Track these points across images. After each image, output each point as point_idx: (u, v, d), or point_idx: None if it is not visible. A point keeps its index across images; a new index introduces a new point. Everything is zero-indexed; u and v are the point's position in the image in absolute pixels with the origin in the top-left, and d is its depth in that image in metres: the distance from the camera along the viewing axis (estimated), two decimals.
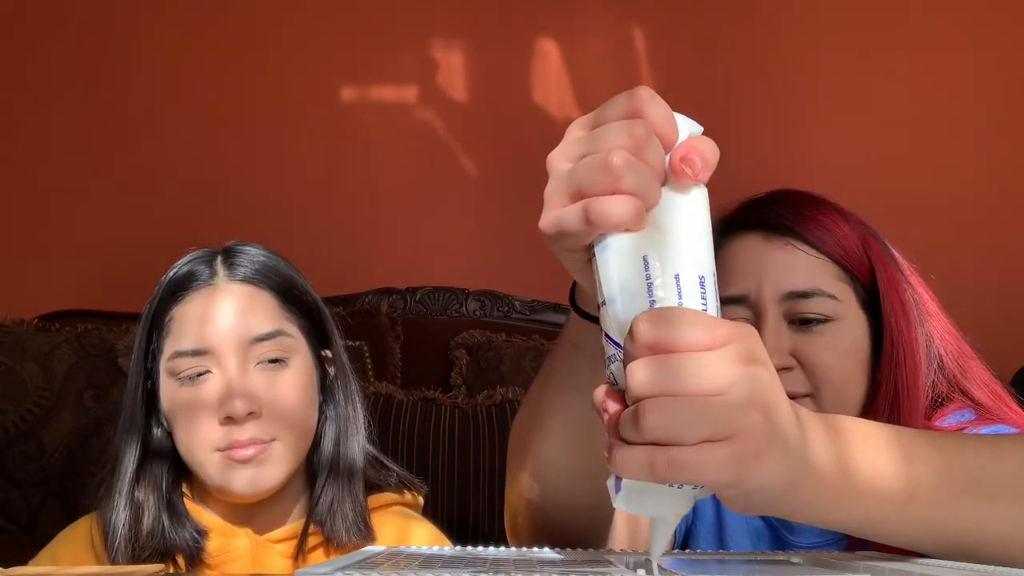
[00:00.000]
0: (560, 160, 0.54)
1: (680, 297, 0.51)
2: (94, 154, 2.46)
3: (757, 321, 0.95)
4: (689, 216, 0.52)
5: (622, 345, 0.52)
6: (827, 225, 0.97)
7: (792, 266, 0.96)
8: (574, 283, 0.66)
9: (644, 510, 0.53)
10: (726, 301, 0.96)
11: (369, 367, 2.13)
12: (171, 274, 1.05)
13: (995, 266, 2.34)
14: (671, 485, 0.51)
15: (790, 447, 0.52)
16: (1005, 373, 2.05)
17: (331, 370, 1.10)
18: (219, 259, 1.05)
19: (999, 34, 2.42)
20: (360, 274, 2.35)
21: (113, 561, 0.99)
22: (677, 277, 0.51)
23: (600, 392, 0.53)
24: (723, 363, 0.49)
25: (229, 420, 0.98)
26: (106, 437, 1.92)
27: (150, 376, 1.04)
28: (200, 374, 0.99)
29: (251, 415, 0.98)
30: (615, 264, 0.52)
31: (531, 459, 0.76)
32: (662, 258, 0.51)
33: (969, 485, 0.61)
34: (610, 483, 0.53)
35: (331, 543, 1.03)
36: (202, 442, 0.99)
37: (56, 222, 2.44)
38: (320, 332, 1.09)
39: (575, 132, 0.55)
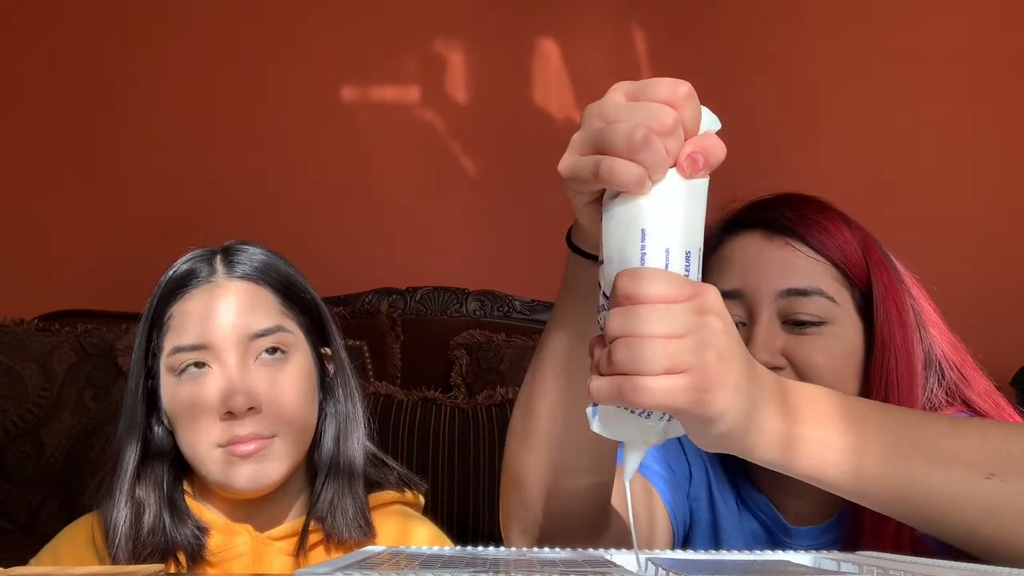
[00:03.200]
0: (595, 117, 0.62)
1: (667, 268, 0.59)
2: (94, 154, 2.46)
3: (751, 317, 0.95)
4: (687, 199, 0.59)
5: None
6: (829, 228, 0.97)
7: (791, 265, 0.95)
8: (573, 223, 0.71)
9: (616, 434, 0.61)
10: (722, 295, 0.95)
11: (369, 367, 2.13)
12: (171, 273, 1.05)
13: (996, 266, 2.34)
14: (639, 414, 0.59)
15: (741, 387, 0.60)
16: (1005, 374, 2.06)
17: (331, 368, 1.10)
18: (218, 257, 1.05)
19: (1001, 39, 2.43)
20: (360, 274, 2.35)
21: (114, 559, 0.99)
22: (667, 251, 0.59)
23: (591, 340, 0.61)
24: (683, 313, 0.58)
25: (230, 416, 0.98)
26: (106, 437, 1.93)
27: (151, 374, 1.04)
28: (199, 366, 1.00)
29: (251, 411, 0.98)
30: (616, 231, 0.60)
31: (531, 420, 0.78)
32: (657, 233, 0.59)
33: (922, 449, 0.67)
34: (589, 410, 0.61)
35: (331, 540, 1.03)
36: (203, 438, 0.99)
37: (56, 222, 2.44)
38: (320, 330, 1.09)
39: (617, 96, 0.62)
